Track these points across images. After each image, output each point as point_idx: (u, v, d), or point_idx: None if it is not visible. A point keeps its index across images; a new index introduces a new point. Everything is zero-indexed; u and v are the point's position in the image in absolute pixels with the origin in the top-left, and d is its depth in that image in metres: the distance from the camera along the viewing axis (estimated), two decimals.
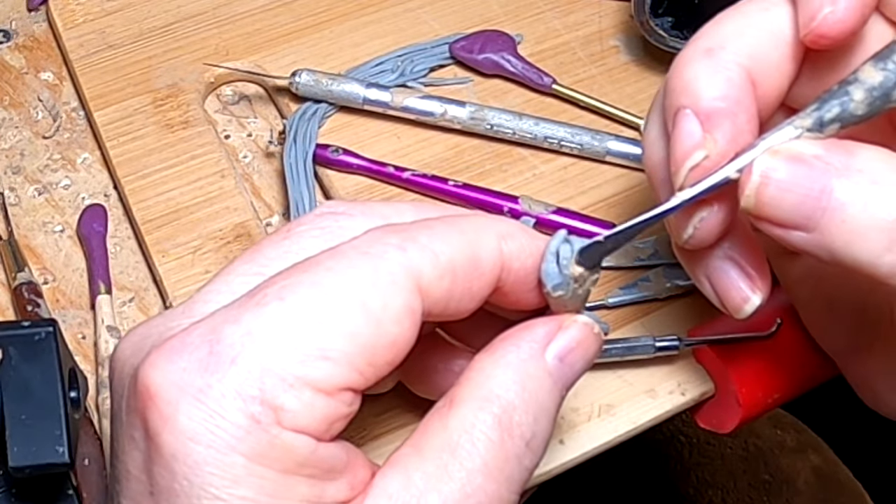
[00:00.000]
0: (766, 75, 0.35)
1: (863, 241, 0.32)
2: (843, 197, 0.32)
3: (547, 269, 0.34)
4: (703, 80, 0.34)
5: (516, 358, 0.32)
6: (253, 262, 0.33)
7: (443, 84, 0.55)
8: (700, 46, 0.35)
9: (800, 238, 0.33)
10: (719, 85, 0.34)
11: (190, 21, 0.56)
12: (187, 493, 0.29)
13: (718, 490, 0.91)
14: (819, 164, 0.32)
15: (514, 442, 0.31)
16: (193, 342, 0.30)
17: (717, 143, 0.34)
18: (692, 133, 0.34)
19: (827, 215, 0.32)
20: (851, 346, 0.42)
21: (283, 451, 0.29)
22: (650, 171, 0.38)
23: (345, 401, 0.30)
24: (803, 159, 0.32)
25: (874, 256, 0.32)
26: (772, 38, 0.35)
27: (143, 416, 0.29)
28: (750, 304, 0.37)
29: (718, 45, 0.35)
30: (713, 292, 0.38)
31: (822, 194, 0.32)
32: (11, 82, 0.56)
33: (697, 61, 0.35)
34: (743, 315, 0.37)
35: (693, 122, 0.34)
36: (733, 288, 0.37)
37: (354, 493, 0.31)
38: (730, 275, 0.37)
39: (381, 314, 0.30)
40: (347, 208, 0.34)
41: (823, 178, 0.32)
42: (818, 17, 0.33)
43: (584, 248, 0.34)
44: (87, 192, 0.52)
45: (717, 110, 0.34)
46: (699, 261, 0.37)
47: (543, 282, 0.34)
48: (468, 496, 0.30)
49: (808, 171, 0.32)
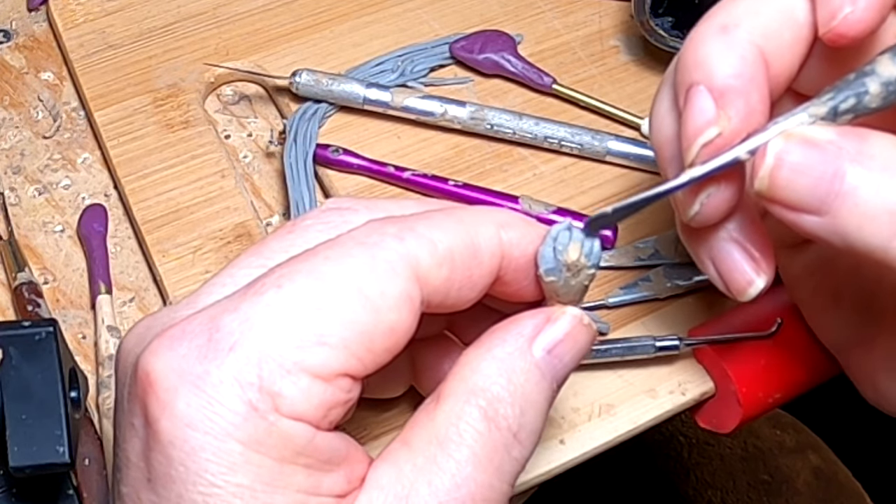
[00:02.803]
0: (779, 56, 0.35)
1: (875, 225, 0.32)
2: (855, 181, 0.32)
3: (543, 251, 0.34)
4: (717, 57, 0.34)
5: (502, 351, 0.32)
6: (258, 255, 0.33)
7: (443, 84, 0.55)
8: (715, 23, 0.35)
9: (812, 222, 0.33)
10: (733, 62, 0.34)
11: (190, 21, 0.56)
12: (183, 479, 0.29)
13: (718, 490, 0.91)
14: (832, 148, 0.32)
15: (502, 433, 0.31)
16: (193, 330, 0.30)
17: (730, 120, 0.34)
18: (705, 109, 0.34)
19: (839, 199, 0.32)
20: (855, 340, 0.42)
21: (280, 438, 0.29)
22: (658, 147, 0.38)
23: (343, 387, 0.30)
24: (817, 143, 0.32)
25: (885, 241, 0.32)
26: (785, 19, 0.35)
27: (142, 402, 0.30)
28: (754, 286, 0.37)
29: (733, 22, 0.35)
30: (717, 274, 0.37)
31: (834, 178, 0.32)
32: (11, 82, 0.56)
33: (712, 38, 0.35)
34: (747, 298, 0.37)
35: (707, 98, 0.34)
36: (737, 270, 0.37)
37: (352, 486, 0.31)
38: (734, 256, 0.37)
39: (379, 301, 0.30)
40: (352, 204, 0.34)
41: (837, 162, 0.32)
42: (838, 17, 0.33)
43: (592, 220, 0.34)
44: (88, 192, 0.52)
45: (731, 88, 0.34)
46: (703, 242, 0.37)
47: (538, 264, 0.34)
48: (458, 486, 0.31)
49: (821, 155, 0.32)
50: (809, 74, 0.37)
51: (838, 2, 0.33)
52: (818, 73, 0.36)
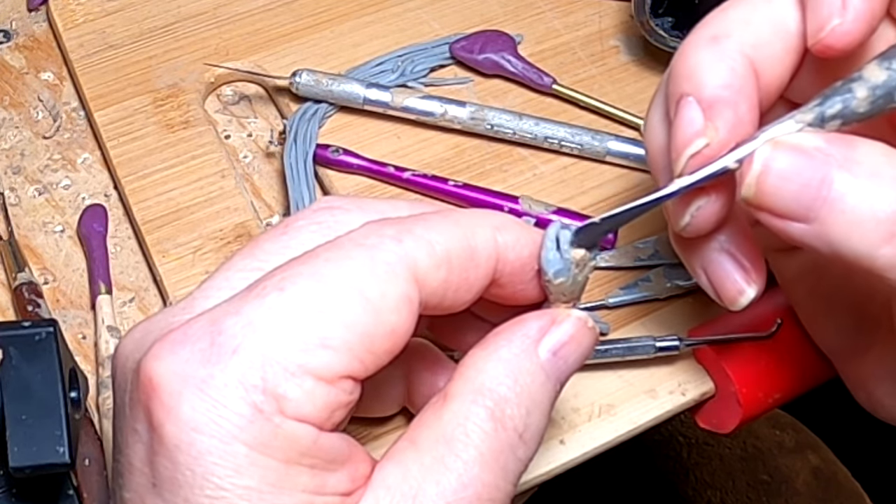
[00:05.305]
0: (769, 66, 0.35)
1: (861, 232, 0.32)
2: (842, 188, 0.32)
3: (547, 255, 0.34)
4: (706, 68, 0.35)
5: (509, 352, 0.33)
6: (252, 257, 0.33)
7: (443, 84, 0.55)
8: (705, 34, 0.35)
9: (799, 229, 0.33)
10: (722, 73, 0.34)
11: (190, 21, 0.56)
12: (190, 483, 0.29)
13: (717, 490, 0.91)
14: (820, 155, 0.32)
15: (508, 434, 0.32)
16: (195, 334, 0.30)
17: (718, 131, 0.34)
18: (693, 120, 0.34)
19: (826, 206, 0.32)
20: (848, 348, 0.42)
21: (285, 440, 0.29)
22: (650, 157, 0.38)
23: (345, 389, 0.30)
24: (804, 150, 0.32)
25: (872, 248, 0.32)
26: (776, 30, 0.35)
27: (146, 407, 0.30)
28: (745, 296, 0.37)
29: (724, 33, 0.35)
30: (709, 284, 0.38)
31: (822, 185, 0.32)
32: (11, 82, 0.56)
33: (702, 48, 0.35)
34: (738, 307, 0.37)
35: (695, 109, 0.34)
36: (728, 280, 0.37)
37: (355, 485, 0.31)
38: (725, 267, 0.37)
39: (380, 303, 0.30)
40: (344, 203, 0.34)
41: (824, 169, 0.32)
42: (826, 28, 0.33)
43: (581, 229, 0.34)
44: (88, 192, 0.52)
45: (720, 99, 0.34)
46: (696, 252, 0.38)
47: (544, 269, 0.34)
48: (465, 486, 0.31)
49: (808, 162, 0.32)
50: (801, 84, 0.37)
51: (827, 13, 0.33)
52: (810, 83, 0.36)
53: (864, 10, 0.33)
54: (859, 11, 0.33)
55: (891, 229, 0.31)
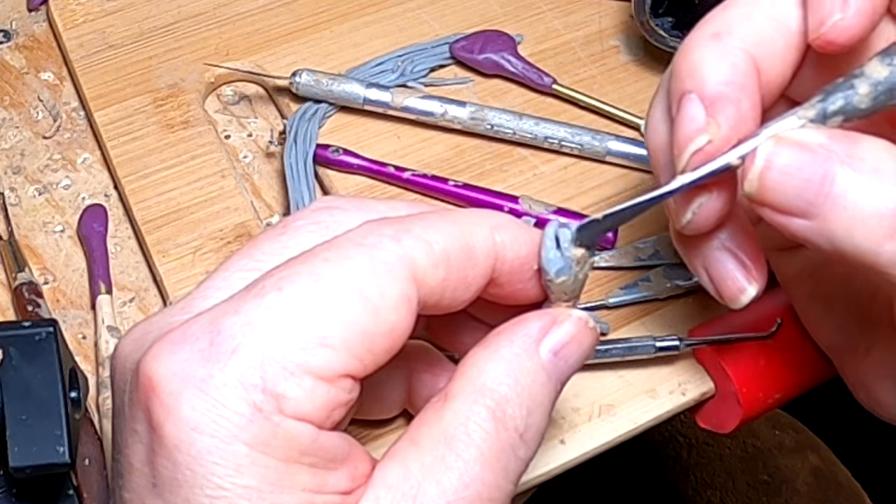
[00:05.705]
0: (771, 63, 0.35)
1: (864, 228, 0.32)
2: (845, 184, 0.32)
3: (547, 255, 0.34)
4: (708, 65, 0.34)
5: (510, 352, 0.33)
6: (250, 257, 0.33)
7: (443, 84, 0.55)
8: (707, 31, 0.35)
9: (801, 226, 0.33)
10: (724, 70, 0.34)
11: (190, 21, 0.56)
12: (190, 483, 0.29)
13: (717, 490, 0.91)
14: (822, 151, 0.32)
15: (509, 433, 0.32)
16: (194, 333, 0.30)
17: (720, 128, 0.34)
18: (696, 117, 0.34)
19: (829, 202, 0.32)
20: (849, 347, 0.42)
21: (285, 439, 0.29)
22: (652, 154, 0.38)
23: (344, 388, 0.30)
24: (807, 146, 0.32)
25: (875, 244, 0.32)
26: (777, 26, 0.35)
27: (146, 407, 0.30)
28: (746, 294, 0.37)
29: (726, 30, 0.35)
30: (710, 282, 0.38)
31: (824, 180, 0.32)
32: (11, 82, 0.56)
33: (704, 45, 0.35)
34: (739, 305, 0.37)
35: (697, 106, 0.34)
36: (729, 278, 0.37)
37: (355, 484, 0.31)
38: (726, 265, 0.37)
39: (379, 302, 0.30)
40: (342, 203, 0.34)
41: (826, 165, 0.32)
42: (827, 23, 0.33)
43: (582, 227, 0.34)
44: (88, 192, 0.52)
45: (722, 95, 0.34)
46: (697, 250, 0.38)
47: (545, 269, 0.34)
48: (466, 486, 0.31)
49: (811, 158, 0.32)
50: (803, 81, 0.37)
51: (828, 9, 0.33)
52: (812, 80, 0.36)
53: (865, 6, 0.33)
54: (860, 7, 0.33)
55: (893, 225, 0.31)
